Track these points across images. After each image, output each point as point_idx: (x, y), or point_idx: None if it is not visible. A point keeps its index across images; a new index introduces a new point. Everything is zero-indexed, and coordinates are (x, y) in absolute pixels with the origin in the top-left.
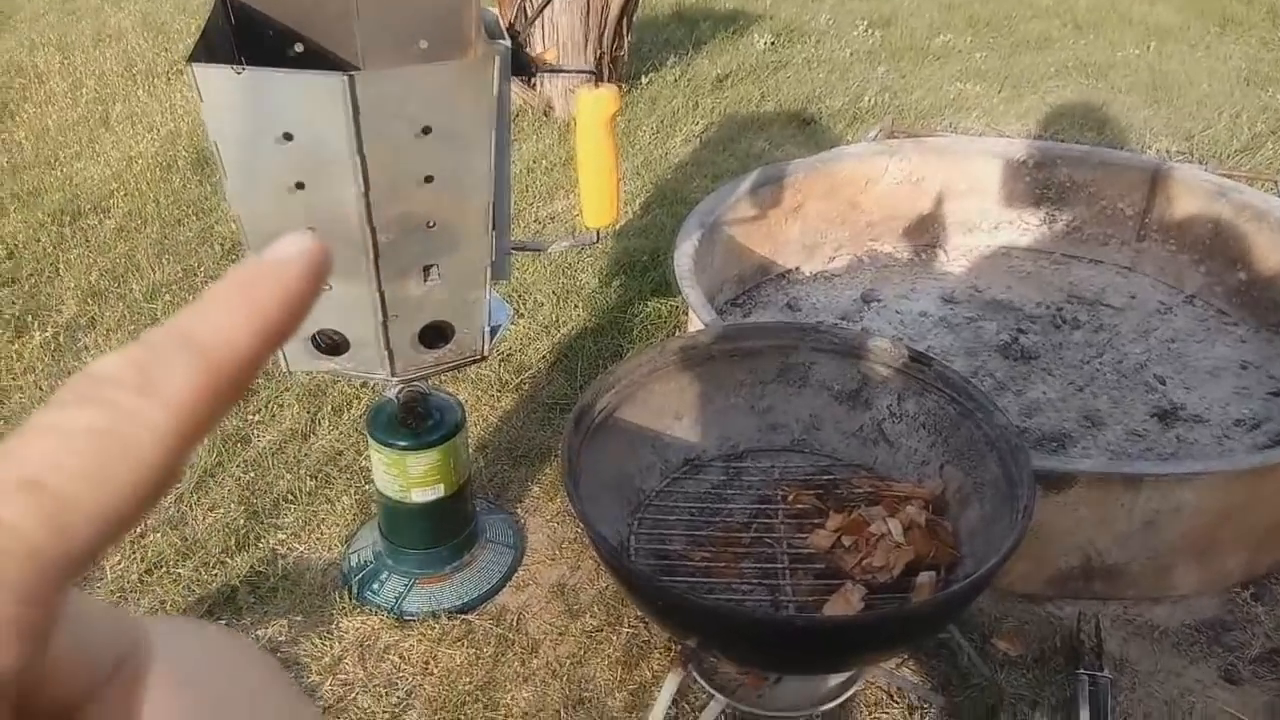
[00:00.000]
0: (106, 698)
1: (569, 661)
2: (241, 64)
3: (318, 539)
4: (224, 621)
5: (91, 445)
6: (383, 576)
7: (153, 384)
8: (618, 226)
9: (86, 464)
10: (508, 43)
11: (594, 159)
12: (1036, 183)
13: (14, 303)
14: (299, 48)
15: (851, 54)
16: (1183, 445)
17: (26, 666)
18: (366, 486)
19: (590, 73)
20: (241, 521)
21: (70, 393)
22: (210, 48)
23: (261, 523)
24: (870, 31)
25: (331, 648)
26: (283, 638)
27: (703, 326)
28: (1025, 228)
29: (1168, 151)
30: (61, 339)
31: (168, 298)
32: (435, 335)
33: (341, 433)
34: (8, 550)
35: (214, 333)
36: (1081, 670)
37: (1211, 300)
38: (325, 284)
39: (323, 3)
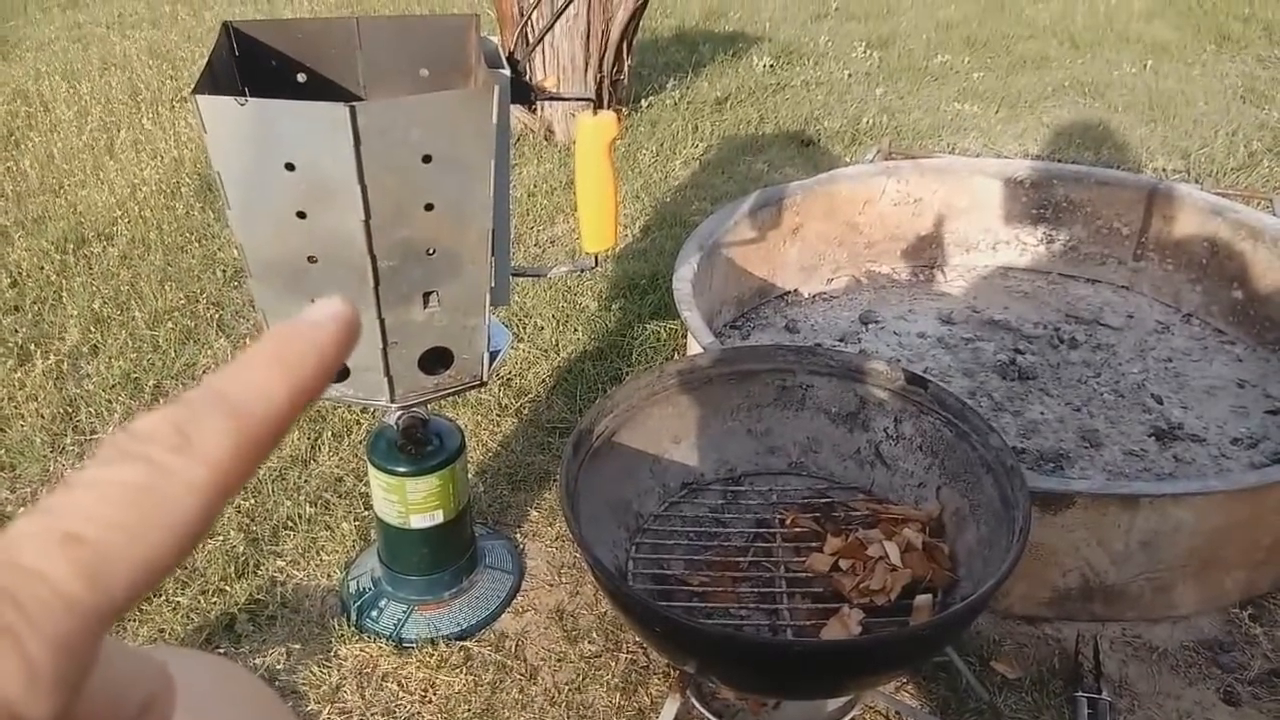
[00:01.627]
0: None
1: (568, 688)
2: (245, 94)
3: (317, 566)
4: (223, 649)
5: (130, 500)
6: (381, 603)
7: (190, 442)
8: (618, 249)
9: (125, 518)
10: (508, 71)
11: (593, 185)
12: (1034, 202)
13: (17, 330)
14: (302, 77)
15: (850, 75)
16: (1180, 464)
17: (62, 715)
18: (366, 512)
19: (590, 99)
20: (241, 548)
21: (111, 449)
22: (214, 78)
23: (261, 550)
24: (869, 53)
25: (330, 676)
26: (281, 666)
27: (702, 349)
28: (1023, 247)
29: (1164, 170)
30: (65, 366)
31: (170, 324)
32: (436, 361)
33: (342, 458)
34: (47, 602)
35: (249, 393)
36: (1080, 692)
37: (1208, 319)
38: (354, 345)
39: (326, 33)
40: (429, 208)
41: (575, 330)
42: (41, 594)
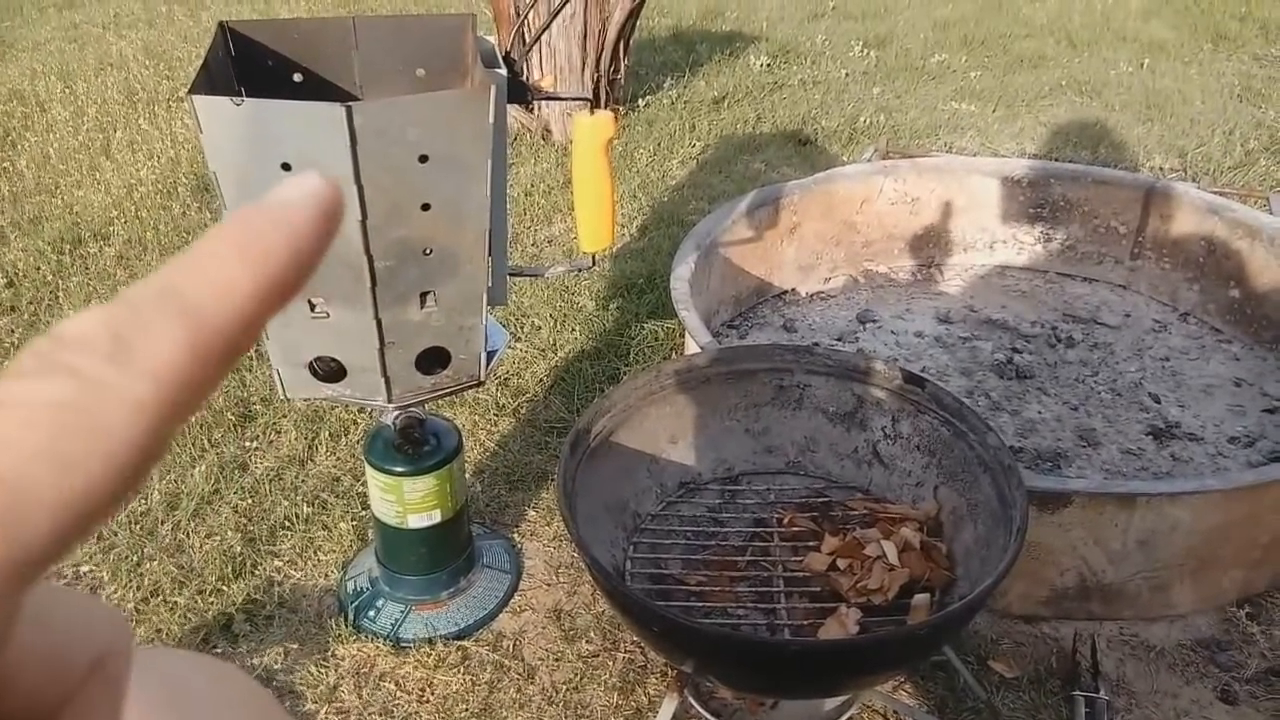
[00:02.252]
0: (85, 699)
1: (565, 687)
2: (241, 94)
3: (314, 565)
4: (220, 650)
5: (55, 423)
6: (379, 603)
7: (130, 349)
8: (615, 249)
9: (49, 446)
10: (504, 71)
11: (590, 184)
12: (1031, 201)
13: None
14: (298, 77)
15: (847, 74)
16: (1178, 463)
17: None
18: (364, 512)
19: (586, 99)
20: (239, 548)
21: (32, 359)
22: (211, 78)
23: (258, 550)
24: (866, 52)
25: (328, 675)
26: (279, 666)
27: (699, 349)
28: (1020, 246)
29: (1161, 169)
30: None
31: None
32: (433, 361)
33: (339, 458)
34: None
35: (207, 289)
36: (1078, 691)
37: (1205, 318)
38: (337, 232)
39: (322, 33)
40: (426, 207)
41: (573, 330)
42: None
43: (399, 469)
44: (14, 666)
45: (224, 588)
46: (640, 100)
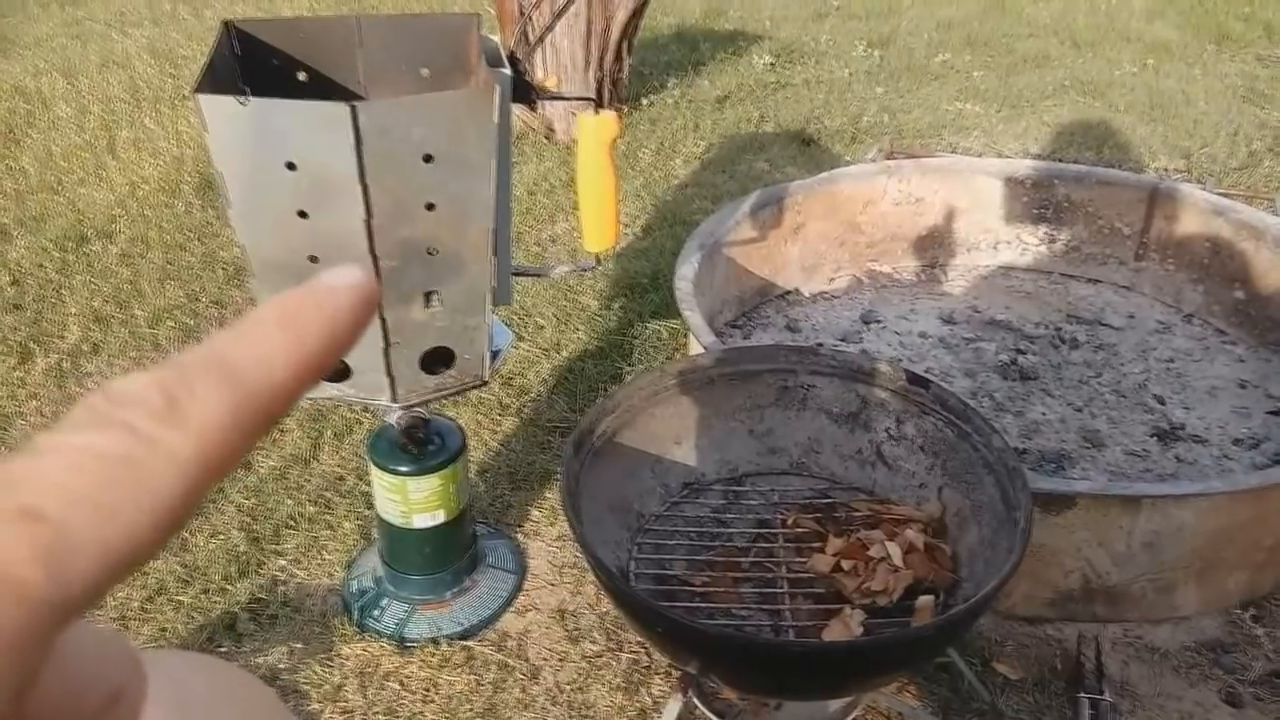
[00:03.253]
0: None
1: (570, 687)
2: (246, 93)
3: (319, 565)
4: (225, 649)
5: (104, 473)
6: (383, 603)
7: (178, 409)
8: (619, 248)
9: (97, 494)
10: (509, 70)
11: (594, 184)
12: (1035, 202)
13: (18, 329)
14: (303, 76)
15: (851, 74)
16: (1182, 465)
17: (5, 715)
18: (368, 512)
19: (590, 99)
20: (243, 548)
21: (85, 413)
22: (215, 77)
23: (263, 549)
24: (869, 52)
25: (332, 675)
26: (283, 665)
27: (703, 349)
28: (1024, 247)
29: (1165, 170)
30: (65, 365)
31: (171, 323)
32: (437, 360)
33: (343, 458)
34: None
35: (250, 359)
36: (1082, 693)
37: (1210, 319)
38: (370, 322)
39: (327, 32)
40: (430, 207)
41: (576, 329)
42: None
43: (403, 469)
44: (36, 701)
45: (228, 587)
46: (644, 99)
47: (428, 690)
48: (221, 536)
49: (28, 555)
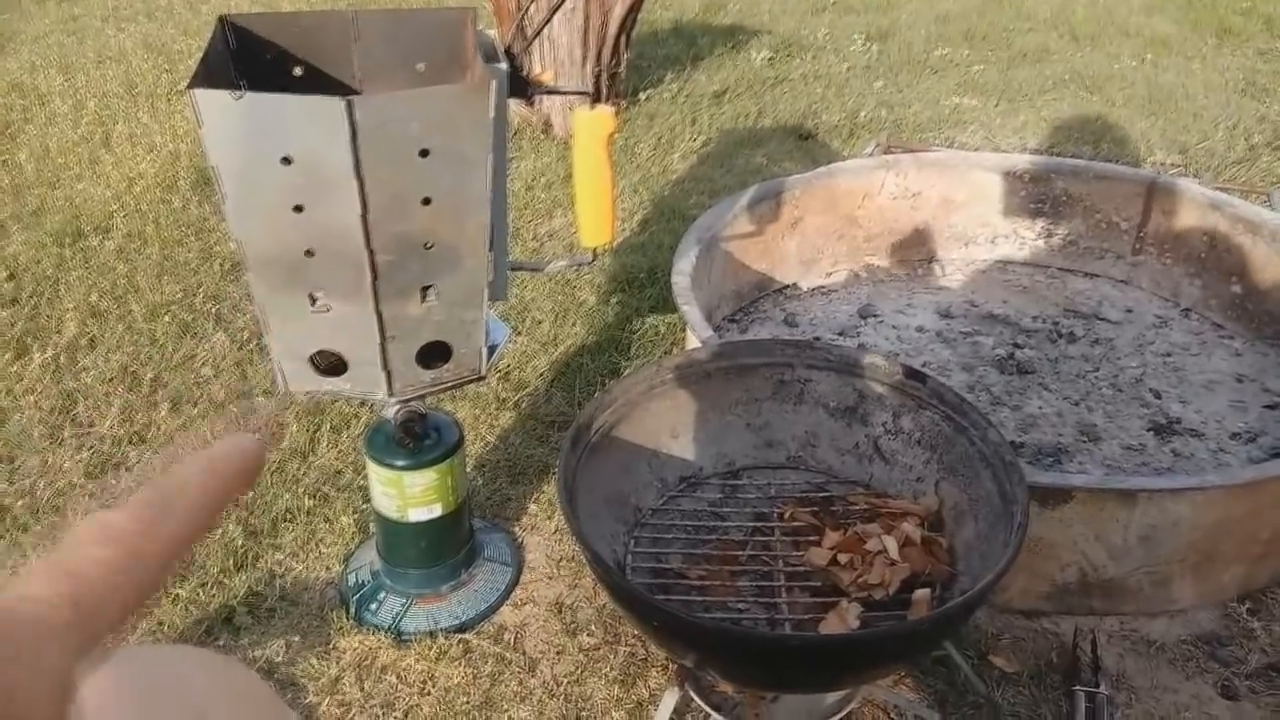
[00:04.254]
0: None
1: (567, 680)
2: (241, 88)
3: (316, 558)
4: (222, 642)
5: (110, 579)
6: (380, 596)
7: (151, 536)
8: (616, 243)
9: (107, 591)
10: (505, 65)
11: (591, 179)
12: (1033, 196)
13: (14, 324)
14: (298, 71)
15: (849, 68)
16: (1179, 459)
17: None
18: (365, 505)
19: (587, 93)
20: (240, 541)
21: (89, 532)
22: (210, 71)
23: (260, 542)
24: (868, 45)
25: (329, 668)
26: (280, 658)
27: (700, 343)
28: (1022, 241)
29: (1164, 164)
30: (62, 360)
31: (167, 318)
32: (434, 355)
33: (340, 451)
34: (46, 624)
35: (189, 501)
36: (1078, 686)
37: (1207, 313)
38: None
39: (323, 26)
40: (426, 202)
41: (573, 324)
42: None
43: (400, 463)
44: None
45: (226, 580)
46: (641, 94)
47: (425, 683)
48: (219, 530)
49: (67, 605)
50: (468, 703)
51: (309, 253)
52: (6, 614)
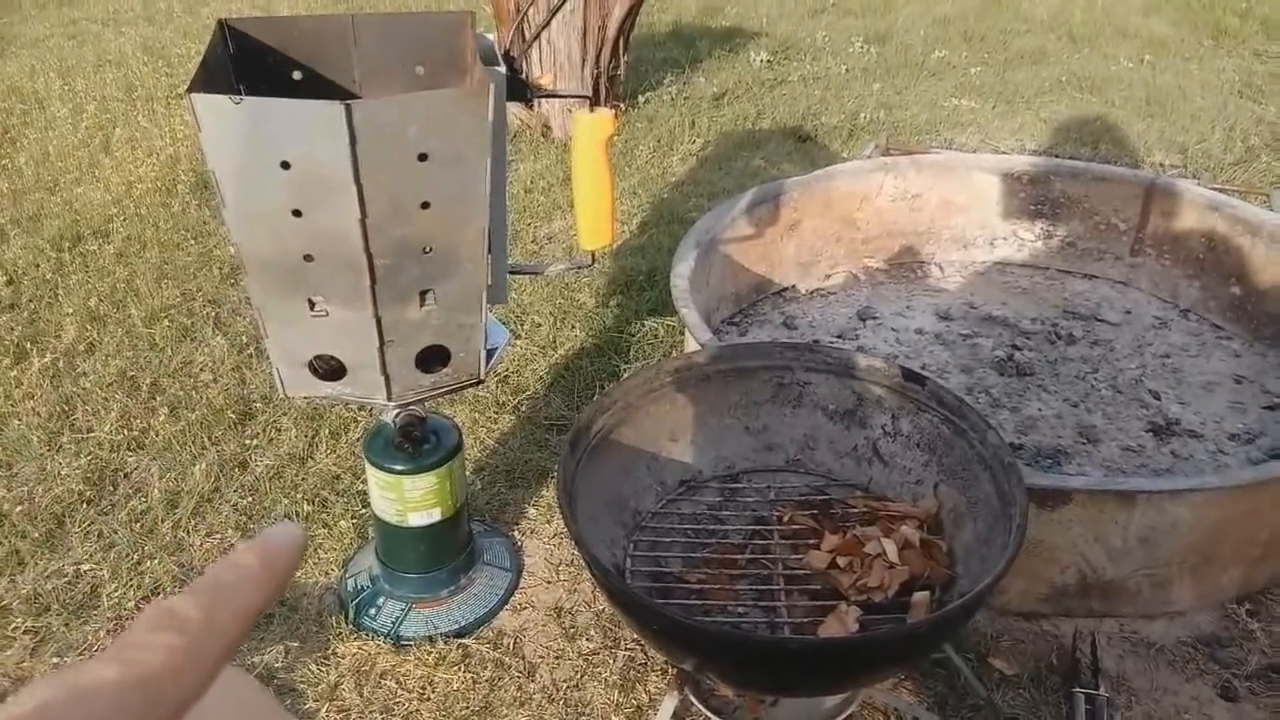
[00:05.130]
0: None
1: (566, 685)
2: (240, 92)
3: (315, 564)
4: None
5: (174, 665)
6: (380, 601)
7: (212, 625)
8: (615, 246)
9: (171, 676)
10: (504, 69)
11: (590, 182)
12: (1031, 198)
13: (13, 328)
14: (298, 75)
15: (848, 70)
16: (1178, 460)
17: None
18: (364, 510)
19: (586, 96)
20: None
21: (153, 619)
22: (210, 75)
23: None
24: (866, 48)
25: (328, 674)
26: (279, 664)
27: (699, 346)
28: (1020, 243)
29: (1162, 165)
30: (61, 364)
31: (166, 322)
32: (433, 359)
33: (339, 456)
34: (119, 710)
35: (245, 592)
36: (1078, 688)
37: (1206, 315)
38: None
39: (322, 31)
40: (425, 206)
41: (573, 327)
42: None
43: (399, 467)
44: None
45: None
46: (640, 97)
47: (424, 688)
48: (218, 535)
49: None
50: (467, 708)
51: (308, 257)
52: (82, 702)
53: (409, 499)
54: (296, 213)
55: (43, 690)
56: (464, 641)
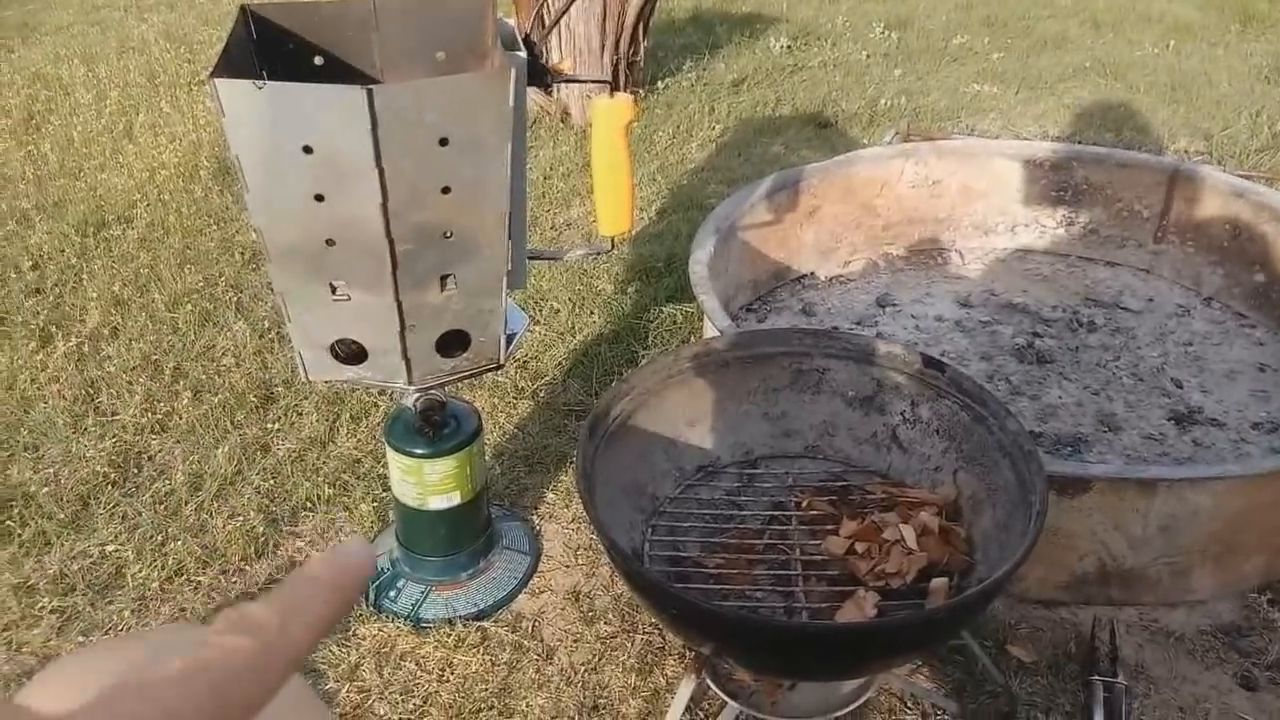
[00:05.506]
0: None
1: (584, 668)
2: (262, 77)
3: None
4: None
5: (248, 669)
6: (399, 584)
7: (286, 633)
8: (634, 232)
9: (245, 680)
10: (524, 53)
11: (609, 167)
12: (1053, 184)
13: (38, 313)
14: (319, 60)
15: (868, 56)
16: (1199, 449)
17: None
18: (384, 494)
19: (606, 81)
20: (261, 529)
21: (230, 624)
22: (232, 61)
23: (280, 530)
24: (887, 33)
25: (349, 655)
26: None
27: (717, 333)
28: (1042, 230)
29: (1186, 152)
30: (85, 348)
31: (189, 307)
32: (453, 344)
33: (360, 440)
34: (190, 706)
35: (318, 603)
36: (1096, 676)
37: (1229, 302)
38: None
39: (342, 16)
40: (446, 191)
41: (591, 313)
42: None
43: (419, 451)
44: None
45: (247, 567)
46: (659, 83)
47: (443, 670)
48: (240, 518)
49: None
50: (485, 690)
51: (329, 242)
52: (150, 691)
53: (429, 483)
54: (318, 197)
55: (112, 670)
56: (483, 624)
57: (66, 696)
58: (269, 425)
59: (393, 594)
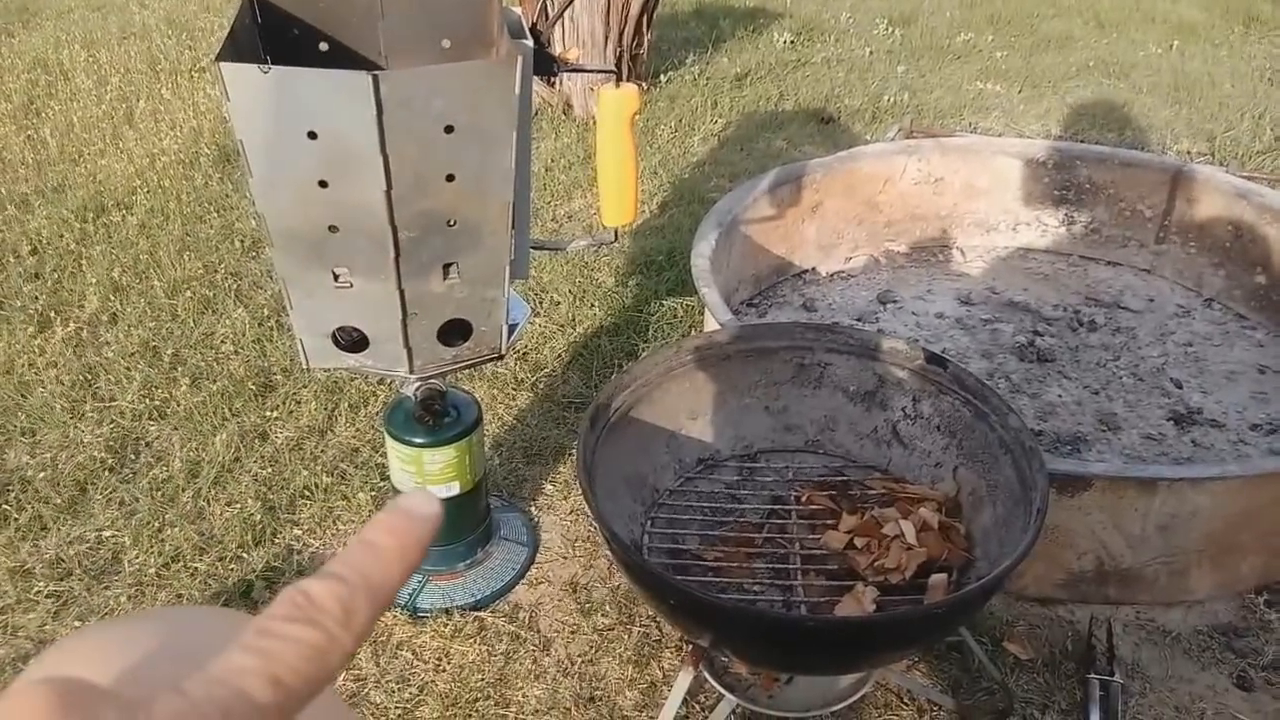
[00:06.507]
0: None
1: (581, 659)
2: (268, 63)
3: (333, 535)
4: None
5: (311, 658)
6: None
7: (350, 619)
8: (635, 225)
9: (307, 671)
10: (530, 42)
11: (614, 158)
12: (1056, 184)
13: (37, 298)
14: (324, 46)
15: (871, 52)
16: (1199, 449)
17: None
18: (383, 483)
19: (611, 72)
20: (259, 517)
21: (292, 607)
22: (237, 46)
23: (278, 518)
24: (890, 30)
25: None
26: None
27: (719, 326)
28: (1044, 229)
29: (1189, 153)
30: (84, 334)
31: (189, 294)
32: (454, 333)
33: (359, 429)
34: (251, 702)
35: (383, 578)
36: (1093, 675)
37: (1230, 303)
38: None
39: (348, 3)
40: (450, 178)
41: (592, 306)
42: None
43: (419, 440)
44: None
45: (244, 555)
46: (662, 76)
47: (439, 660)
48: (238, 505)
49: (274, 704)
50: (482, 680)
51: (333, 228)
52: (226, 700)
53: (428, 472)
54: (322, 183)
55: (147, 647)
56: (480, 614)
57: (98, 667)
58: (267, 413)
59: None
